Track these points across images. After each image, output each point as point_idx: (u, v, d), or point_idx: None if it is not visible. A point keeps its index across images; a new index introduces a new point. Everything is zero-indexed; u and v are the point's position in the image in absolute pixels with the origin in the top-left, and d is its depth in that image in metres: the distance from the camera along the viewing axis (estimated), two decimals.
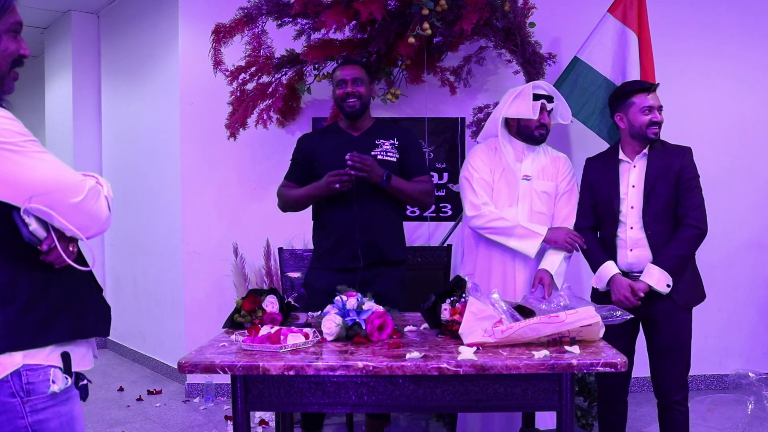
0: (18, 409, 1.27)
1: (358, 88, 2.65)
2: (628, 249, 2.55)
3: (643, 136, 2.55)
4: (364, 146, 2.66)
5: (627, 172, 2.59)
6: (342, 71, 2.69)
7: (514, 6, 3.32)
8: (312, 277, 2.74)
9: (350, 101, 2.65)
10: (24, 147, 1.27)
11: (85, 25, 5.27)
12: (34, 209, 1.27)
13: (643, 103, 2.54)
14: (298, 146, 2.81)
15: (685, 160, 2.53)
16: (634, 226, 2.54)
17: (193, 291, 4.02)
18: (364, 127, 2.73)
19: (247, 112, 3.49)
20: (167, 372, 4.50)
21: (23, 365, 1.27)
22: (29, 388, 1.27)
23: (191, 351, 1.96)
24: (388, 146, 2.72)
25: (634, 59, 3.24)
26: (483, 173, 2.74)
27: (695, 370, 3.92)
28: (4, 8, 1.31)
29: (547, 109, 2.74)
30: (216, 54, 3.27)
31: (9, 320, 1.26)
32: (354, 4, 3.07)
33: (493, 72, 3.86)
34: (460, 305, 2.04)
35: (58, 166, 1.31)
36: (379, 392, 1.82)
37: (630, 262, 2.55)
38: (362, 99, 2.67)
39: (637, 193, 2.54)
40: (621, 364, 1.75)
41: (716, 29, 3.97)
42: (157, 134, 4.51)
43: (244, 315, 2.26)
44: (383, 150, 2.71)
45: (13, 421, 1.26)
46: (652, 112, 2.53)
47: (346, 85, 2.65)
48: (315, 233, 2.79)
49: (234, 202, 4.00)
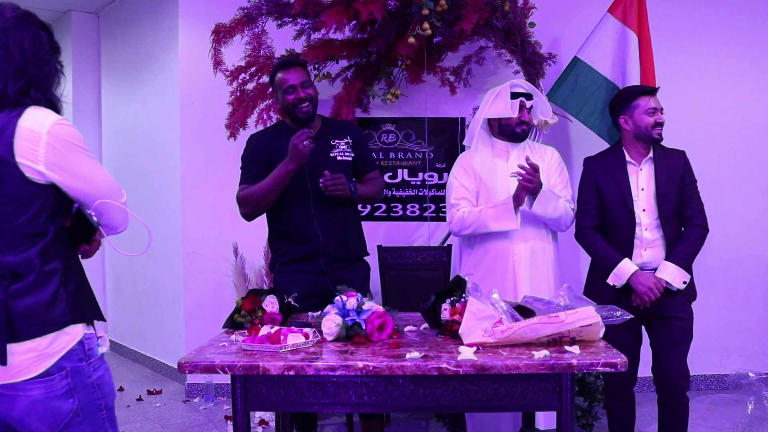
0: (86, 371, 1.52)
1: (308, 90, 2.60)
2: (643, 249, 2.63)
3: (648, 137, 2.64)
4: (321, 148, 2.64)
5: (635, 174, 2.67)
6: (287, 75, 2.60)
7: (514, 6, 3.32)
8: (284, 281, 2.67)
9: (304, 106, 2.59)
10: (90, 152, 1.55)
11: (85, 25, 5.27)
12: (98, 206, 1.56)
13: (647, 105, 2.64)
14: (252, 148, 2.70)
15: (686, 163, 2.67)
16: (648, 227, 2.62)
17: (193, 291, 4.02)
18: (315, 127, 2.69)
19: (247, 112, 3.49)
20: (167, 372, 4.50)
21: (84, 334, 1.52)
22: (89, 353, 1.53)
23: (191, 351, 1.96)
24: (344, 146, 2.71)
25: (634, 59, 3.24)
26: (463, 180, 2.78)
27: (695, 370, 3.94)
28: None
29: (527, 107, 2.76)
30: (216, 54, 3.27)
31: (70, 298, 1.50)
32: (354, 4, 3.07)
33: (493, 72, 3.86)
34: (460, 305, 2.04)
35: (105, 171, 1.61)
36: (379, 392, 1.82)
37: (644, 261, 2.62)
38: (313, 102, 2.63)
39: (647, 196, 2.63)
40: (621, 364, 1.75)
41: (716, 29, 3.97)
42: (157, 134, 4.52)
43: (244, 315, 2.26)
44: (340, 150, 2.69)
45: (83, 381, 1.51)
46: (656, 114, 2.64)
47: (296, 90, 2.59)
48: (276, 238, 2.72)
49: (234, 202, 3.98)
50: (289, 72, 2.61)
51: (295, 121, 2.64)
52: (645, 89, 2.71)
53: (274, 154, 2.61)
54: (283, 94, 2.61)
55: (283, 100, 2.63)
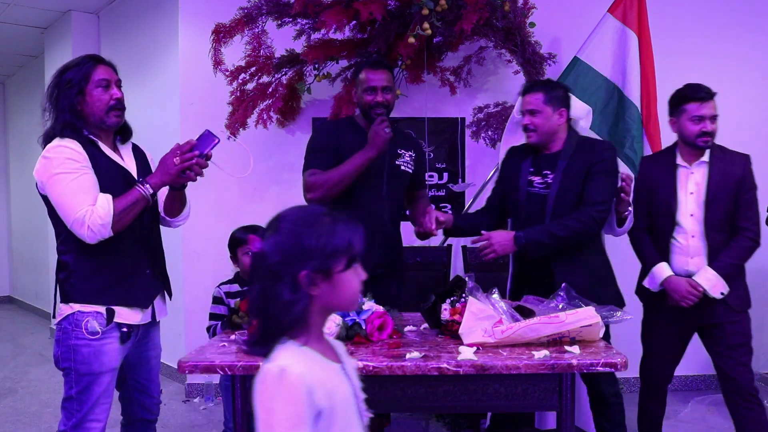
0: (69, 334, 1.98)
1: (387, 96, 2.58)
2: (690, 257, 2.50)
3: (693, 145, 2.50)
4: (389, 154, 2.61)
5: (685, 177, 2.53)
6: (371, 75, 2.58)
7: (514, 6, 3.32)
8: None
9: (378, 111, 2.57)
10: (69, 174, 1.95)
11: (85, 25, 5.27)
12: None
13: (695, 112, 2.47)
14: (324, 134, 2.68)
15: (746, 169, 2.48)
16: (695, 234, 2.48)
17: (193, 291, 4.02)
18: None
19: (247, 112, 3.49)
20: (167, 372, 4.49)
21: (78, 310, 1.98)
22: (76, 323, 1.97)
23: (191, 351, 1.96)
24: (408, 158, 2.71)
25: (634, 59, 3.24)
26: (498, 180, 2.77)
27: (695, 370, 3.95)
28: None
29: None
30: (216, 54, 3.27)
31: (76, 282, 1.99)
32: (354, 4, 3.07)
33: (493, 72, 3.86)
34: (460, 305, 2.04)
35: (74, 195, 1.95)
36: (379, 392, 1.82)
37: (689, 269, 2.49)
38: (389, 108, 2.62)
39: (696, 201, 2.49)
40: (621, 364, 1.75)
41: (716, 29, 3.97)
42: (157, 134, 4.51)
43: (242, 316, 2.25)
44: (404, 161, 2.69)
45: (65, 340, 1.99)
46: (703, 122, 2.46)
47: (376, 93, 2.56)
48: None
49: (234, 202, 4.00)
50: (375, 73, 2.58)
51: (368, 119, 2.62)
52: (695, 95, 2.49)
53: (342, 145, 2.59)
54: (362, 93, 2.60)
55: (361, 98, 2.61)
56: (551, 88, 2.46)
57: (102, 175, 1.98)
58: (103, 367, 1.99)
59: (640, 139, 3.24)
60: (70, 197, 1.90)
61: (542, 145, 2.49)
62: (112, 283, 2.01)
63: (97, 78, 1.99)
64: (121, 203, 1.94)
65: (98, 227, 1.89)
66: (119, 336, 2.01)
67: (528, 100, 2.46)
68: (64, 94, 1.97)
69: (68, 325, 1.98)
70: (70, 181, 1.90)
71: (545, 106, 2.42)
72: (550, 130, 2.45)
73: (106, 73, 2.02)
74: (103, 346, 1.98)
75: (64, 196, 1.91)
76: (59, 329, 2.01)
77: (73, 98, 1.96)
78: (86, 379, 1.97)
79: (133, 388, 2.17)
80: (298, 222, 1.16)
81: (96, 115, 2.00)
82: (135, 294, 2.06)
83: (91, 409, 1.98)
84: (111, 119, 2.02)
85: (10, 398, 4.06)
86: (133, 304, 2.05)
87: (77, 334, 1.96)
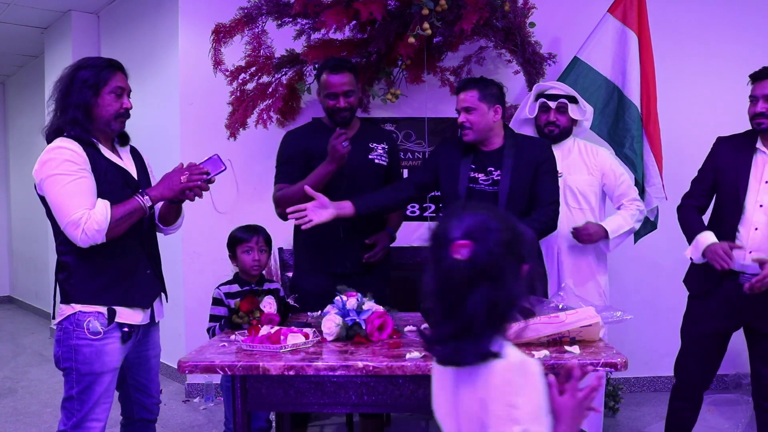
0: (70, 334, 1.99)
1: (350, 99, 2.59)
2: (747, 251, 2.29)
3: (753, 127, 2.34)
4: (360, 149, 2.65)
5: (762, 164, 2.34)
6: (332, 79, 2.57)
7: (514, 6, 3.32)
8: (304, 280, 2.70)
9: (343, 114, 2.60)
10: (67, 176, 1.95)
11: (85, 25, 5.27)
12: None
13: (752, 91, 2.36)
14: (289, 144, 2.70)
15: None
16: (760, 226, 2.27)
17: (193, 291, 4.02)
18: (353, 128, 2.71)
19: (247, 112, 3.49)
20: (167, 372, 4.50)
21: (79, 311, 1.99)
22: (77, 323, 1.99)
23: (191, 351, 1.96)
24: (381, 150, 2.73)
25: (634, 59, 3.24)
26: None
27: None
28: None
29: (553, 107, 2.78)
30: (216, 54, 3.27)
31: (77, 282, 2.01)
32: (354, 4, 3.07)
33: (493, 72, 3.85)
34: None
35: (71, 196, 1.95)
36: (379, 392, 1.82)
37: (745, 263, 2.30)
38: (353, 110, 2.63)
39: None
40: (621, 363, 1.75)
41: (716, 29, 3.97)
42: (157, 134, 4.51)
43: (242, 316, 2.25)
44: (378, 154, 2.72)
45: (66, 340, 2.00)
46: (758, 103, 2.34)
47: (338, 98, 2.57)
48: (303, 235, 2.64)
49: (234, 202, 3.99)
50: (335, 76, 2.57)
51: (334, 123, 2.63)
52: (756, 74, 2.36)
53: (312, 152, 2.61)
54: (324, 97, 2.61)
55: (324, 102, 2.62)
56: (485, 85, 2.45)
57: (101, 176, 2.00)
58: (105, 367, 2.00)
59: (640, 140, 3.24)
60: (67, 199, 1.91)
61: (479, 142, 2.49)
62: (113, 283, 2.03)
63: (113, 85, 2.04)
64: (119, 211, 1.96)
65: (93, 232, 1.91)
66: (120, 336, 2.03)
67: (463, 97, 2.44)
68: (78, 92, 1.99)
69: (69, 325, 1.99)
70: (68, 183, 1.91)
71: (480, 103, 2.41)
72: (486, 127, 2.44)
73: (122, 81, 2.08)
74: (104, 346, 2.00)
75: (61, 197, 1.92)
76: (59, 329, 2.02)
77: (89, 98, 2.00)
78: (87, 378, 1.98)
79: (133, 387, 2.18)
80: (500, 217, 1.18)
81: (104, 119, 2.04)
82: (136, 294, 2.08)
83: (91, 408, 1.99)
84: (116, 125, 2.09)
85: (10, 398, 4.06)
86: (135, 305, 2.08)
87: (78, 333, 1.98)
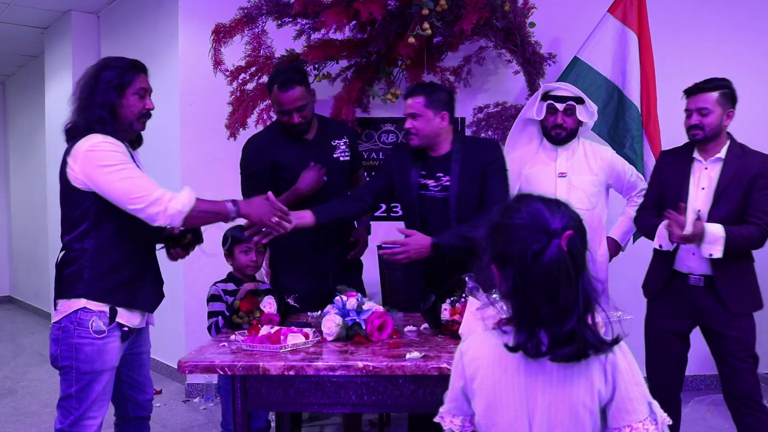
0: (71, 333, 1.98)
1: (304, 113, 2.59)
2: (691, 252, 2.45)
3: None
4: (324, 150, 2.69)
5: (698, 172, 2.50)
6: (282, 97, 2.54)
7: (514, 6, 3.32)
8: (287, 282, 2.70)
9: (297, 129, 2.62)
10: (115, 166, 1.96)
11: (85, 25, 5.27)
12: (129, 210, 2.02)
13: (686, 105, 2.50)
14: (251, 156, 2.67)
15: (764, 168, 2.41)
16: None
17: (193, 291, 4.02)
18: (313, 129, 2.72)
19: (247, 112, 3.49)
20: (167, 372, 4.50)
21: (83, 307, 1.97)
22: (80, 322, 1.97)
23: (191, 351, 1.96)
24: (343, 146, 2.75)
25: (634, 59, 3.25)
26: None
27: (695, 370, 3.94)
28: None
29: (560, 110, 2.78)
30: (216, 54, 3.27)
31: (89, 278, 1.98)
32: (354, 4, 3.07)
33: (493, 72, 3.85)
34: (460, 305, 2.04)
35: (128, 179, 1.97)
36: (379, 392, 1.82)
37: (691, 265, 2.46)
38: (309, 122, 2.64)
39: (705, 196, 2.45)
40: None
41: (716, 29, 3.97)
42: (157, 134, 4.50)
43: (242, 316, 2.25)
44: (341, 151, 2.74)
45: (66, 339, 1.98)
46: (692, 116, 2.47)
47: (291, 115, 2.57)
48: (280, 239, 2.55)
49: None
50: (286, 94, 2.54)
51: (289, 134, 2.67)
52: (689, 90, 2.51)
53: (282, 164, 2.63)
54: (278, 113, 2.63)
55: (278, 114, 2.65)
56: (433, 91, 2.44)
57: None
58: (105, 366, 2.01)
59: (640, 140, 3.24)
60: (137, 182, 1.94)
61: (427, 148, 2.49)
62: (123, 284, 2.04)
63: (137, 86, 2.10)
64: (205, 204, 2.03)
65: (175, 212, 1.95)
66: (120, 335, 2.04)
67: (409, 103, 2.44)
68: (103, 92, 2.03)
69: (69, 323, 1.98)
70: (130, 170, 1.95)
71: (426, 109, 2.41)
72: (432, 133, 2.44)
73: (145, 82, 2.14)
74: (106, 345, 2.01)
75: (128, 181, 1.93)
76: (58, 328, 2.01)
77: (114, 99, 2.03)
78: (87, 377, 1.99)
79: (128, 384, 2.19)
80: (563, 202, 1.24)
81: (127, 119, 2.07)
82: (142, 297, 2.10)
83: (89, 406, 2.00)
84: (138, 125, 2.11)
85: (10, 398, 4.06)
86: (141, 307, 2.10)
87: (80, 332, 1.98)
